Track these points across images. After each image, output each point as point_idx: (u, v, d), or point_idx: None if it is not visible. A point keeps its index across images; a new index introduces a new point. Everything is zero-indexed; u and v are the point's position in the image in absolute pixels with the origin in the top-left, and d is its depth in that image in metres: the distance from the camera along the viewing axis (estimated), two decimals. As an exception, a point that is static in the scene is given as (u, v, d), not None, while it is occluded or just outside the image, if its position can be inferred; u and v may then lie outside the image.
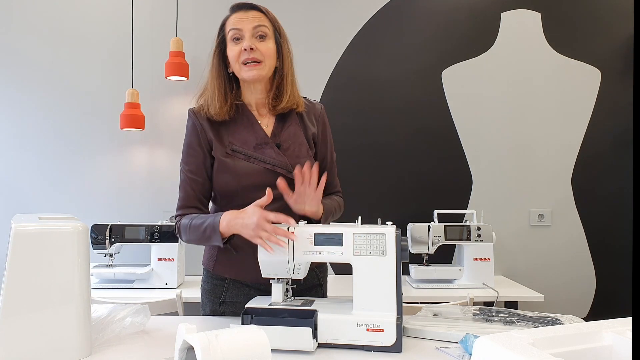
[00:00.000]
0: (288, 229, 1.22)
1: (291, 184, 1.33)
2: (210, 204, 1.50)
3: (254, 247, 1.25)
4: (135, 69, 2.80)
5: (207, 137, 1.41)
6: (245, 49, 1.36)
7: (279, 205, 1.33)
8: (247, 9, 1.41)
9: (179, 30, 2.79)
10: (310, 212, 1.34)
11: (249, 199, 1.33)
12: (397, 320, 1.14)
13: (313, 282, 1.49)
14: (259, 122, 1.44)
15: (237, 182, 1.37)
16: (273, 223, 1.23)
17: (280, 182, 1.29)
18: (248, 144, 1.40)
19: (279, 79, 1.44)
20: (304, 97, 1.51)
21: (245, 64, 1.37)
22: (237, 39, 1.39)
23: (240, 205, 1.35)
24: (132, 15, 2.81)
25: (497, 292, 2.31)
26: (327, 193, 1.49)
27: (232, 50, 1.40)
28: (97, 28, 2.86)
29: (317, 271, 1.51)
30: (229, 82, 1.44)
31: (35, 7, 2.85)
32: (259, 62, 1.38)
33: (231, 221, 1.28)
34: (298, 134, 1.45)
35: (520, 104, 2.90)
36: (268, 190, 1.25)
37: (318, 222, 1.38)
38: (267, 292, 1.39)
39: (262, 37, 1.39)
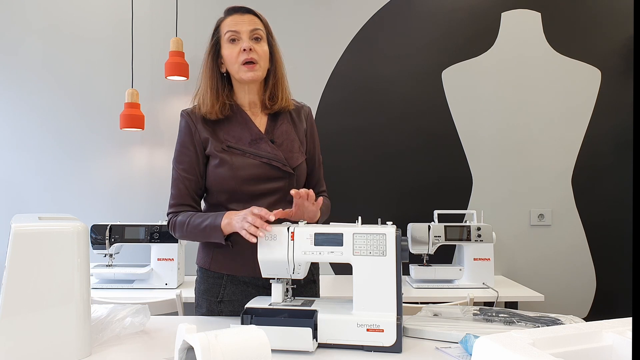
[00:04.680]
0: (288, 229, 1.22)
1: (286, 177, 1.43)
2: (202, 204, 1.52)
3: (251, 243, 1.26)
4: (135, 68, 2.80)
5: (201, 136, 1.45)
6: (244, 50, 1.41)
7: (277, 197, 1.42)
8: (243, 12, 1.46)
9: (179, 30, 2.79)
10: (309, 219, 1.39)
11: (247, 192, 1.40)
12: (397, 321, 1.14)
13: (307, 279, 1.51)
14: (253, 120, 1.48)
15: (233, 175, 1.41)
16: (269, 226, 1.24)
17: (295, 192, 1.30)
18: (243, 141, 1.45)
19: (274, 79, 1.50)
20: (292, 99, 1.56)
21: (244, 64, 1.42)
22: (234, 40, 1.44)
23: (238, 199, 1.40)
24: (132, 15, 2.81)
25: (497, 292, 2.31)
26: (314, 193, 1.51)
27: (229, 51, 1.44)
28: (97, 28, 2.86)
29: (312, 267, 1.52)
30: (222, 82, 1.49)
31: (35, 7, 2.85)
32: (255, 63, 1.43)
33: (231, 218, 1.32)
34: (290, 131, 1.51)
35: (520, 104, 2.90)
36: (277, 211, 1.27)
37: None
38: (265, 288, 1.41)
39: (258, 39, 1.45)
